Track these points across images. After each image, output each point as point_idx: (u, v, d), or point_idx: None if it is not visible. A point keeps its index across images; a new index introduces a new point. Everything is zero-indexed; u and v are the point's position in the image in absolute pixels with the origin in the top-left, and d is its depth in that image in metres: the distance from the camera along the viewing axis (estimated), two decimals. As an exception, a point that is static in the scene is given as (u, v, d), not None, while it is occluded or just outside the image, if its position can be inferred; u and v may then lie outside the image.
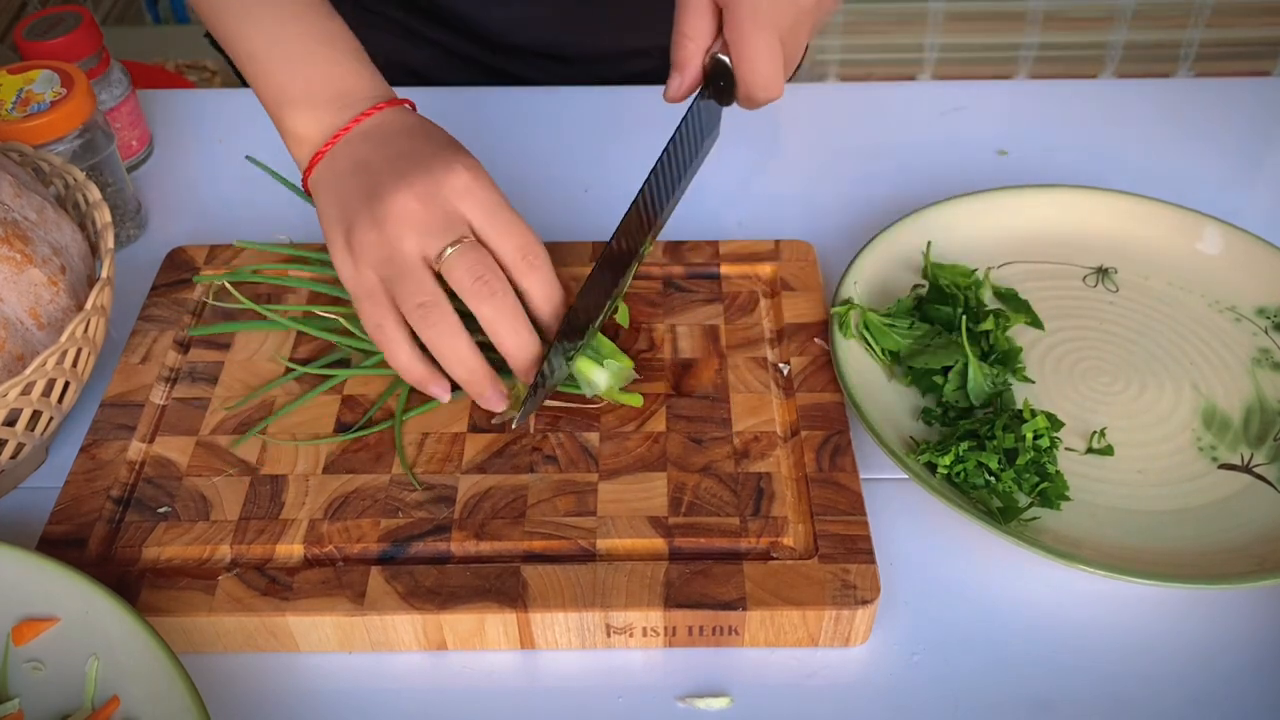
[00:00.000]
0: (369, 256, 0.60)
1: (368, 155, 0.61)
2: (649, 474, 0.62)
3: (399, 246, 0.59)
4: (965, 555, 0.62)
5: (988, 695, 0.56)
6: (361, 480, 0.62)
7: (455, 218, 0.59)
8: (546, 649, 0.58)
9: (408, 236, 0.59)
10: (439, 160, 0.60)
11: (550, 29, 0.95)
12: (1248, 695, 0.56)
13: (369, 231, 0.59)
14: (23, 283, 0.61)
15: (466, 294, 0.59)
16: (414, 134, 0.62)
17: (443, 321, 0.59)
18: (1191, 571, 0.58)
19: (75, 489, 0.62)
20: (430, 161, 0.60)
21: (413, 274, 0.59)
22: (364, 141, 0.62)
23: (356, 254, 0.60)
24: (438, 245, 0.59)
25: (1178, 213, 0.77)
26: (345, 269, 0.61)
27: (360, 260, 0.60)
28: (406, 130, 0.63)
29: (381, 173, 0.60)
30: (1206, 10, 2.24)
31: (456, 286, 0.59)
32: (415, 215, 0.59)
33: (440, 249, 0.59)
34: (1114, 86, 1.01)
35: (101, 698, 0.52)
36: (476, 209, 0.60)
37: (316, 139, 0.63)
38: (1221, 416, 0.67)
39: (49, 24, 0.83)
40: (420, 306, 0.59)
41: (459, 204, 0.59)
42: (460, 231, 0.59)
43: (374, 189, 0.59)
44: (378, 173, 0.60)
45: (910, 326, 0.69)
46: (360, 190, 0.60)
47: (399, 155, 0.61)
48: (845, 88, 1.00)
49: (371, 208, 0.59)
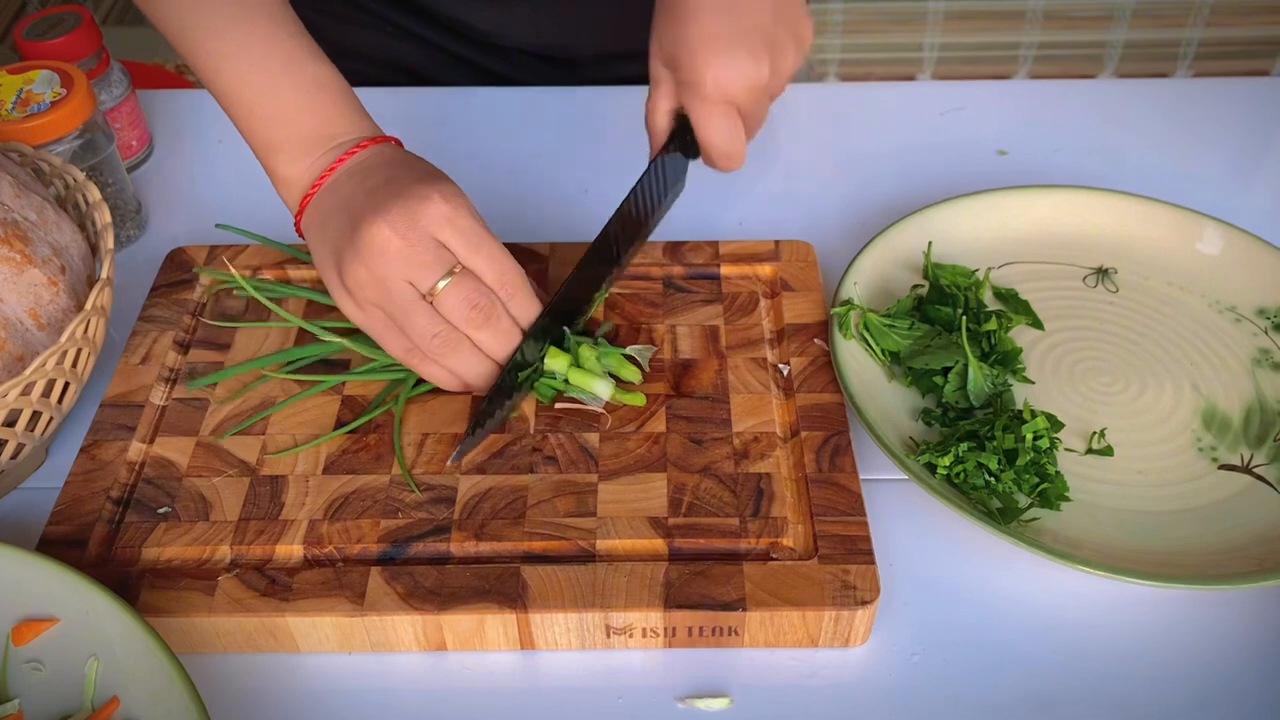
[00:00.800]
0: (366, 294, 0.60)
1: (350, 192, 0.62)
2: (649, 474, 0.62)
3: (391, 286, 0.59)
4: (965, 555, 0.62)
5: (988, 695, 0.56)
6: (361, 481, 0.62)
7: (438, 250, 0.60)
8: (546, 649, 0.58)
9: (396, 274, 0.59)
10: (416, 190, 0.60)
11: (539, 32, 0.95)
12: (1248, 695, 0.56)
13: (358, 269, 0.60)
14: (23, 283, 0.61)
15: (463, 324, 0.60)
16: (394, 166, 0.62)
17: (460, 347, 0.60)
18: (1191, 571, 0.58)
19: (75, 489, 0.62)
20: (407, 192, 0.60)
21: (415, 312, 0.60)
22: (348, 180, 0.63)
23: (354, 293, 0.61)
24: (429, 280, 0.59)
25: (1178, 213, 0.77)
26: (349, 309, 0.62)
27: (360, 300, 0.61)
28: (387, 163, 0.63)
29: (362, 207, 0.60)
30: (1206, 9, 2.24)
31: (452, 318, 0.60)
32: (398, 250, 0.59)
33: (432, 284, 0.59)
34: (1114, 86, 1.01)
35: (101, 698, 0.52)
36: (457, 238, 0.60)
37: (305, 183, 0.64)
38: (1221, 417, 0.67)
39: (49, 24, 0.83)
40: (435, 338, 0.60)
41: (439, 234, 0.60)
42: (448, 264, 0.60)
43: (355, 224, 0.60)
44: (359, 208, 0.60)
45: (910, 327, 0.69)
46: (344, 227, 0.61)
47: (377, 188, 0.61)
48: (845, 88, 1.00)
49: (355, 243, 0.59)
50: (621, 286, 0.73)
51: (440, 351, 0.60)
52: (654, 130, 0.66)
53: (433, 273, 0.59)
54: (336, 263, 0.61)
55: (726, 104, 0.62)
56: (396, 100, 0.94)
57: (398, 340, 0.61)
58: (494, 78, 0.99)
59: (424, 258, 0.59)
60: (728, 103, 0.62)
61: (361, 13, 0.95)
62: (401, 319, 0.60)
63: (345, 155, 0.63)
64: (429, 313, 0.60)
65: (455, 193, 0.61)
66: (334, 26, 0.96)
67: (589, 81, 0.96)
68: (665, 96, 0.65)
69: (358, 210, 0.60)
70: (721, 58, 0.61)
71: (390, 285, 0.59)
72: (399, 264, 0.59)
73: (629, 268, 0.72)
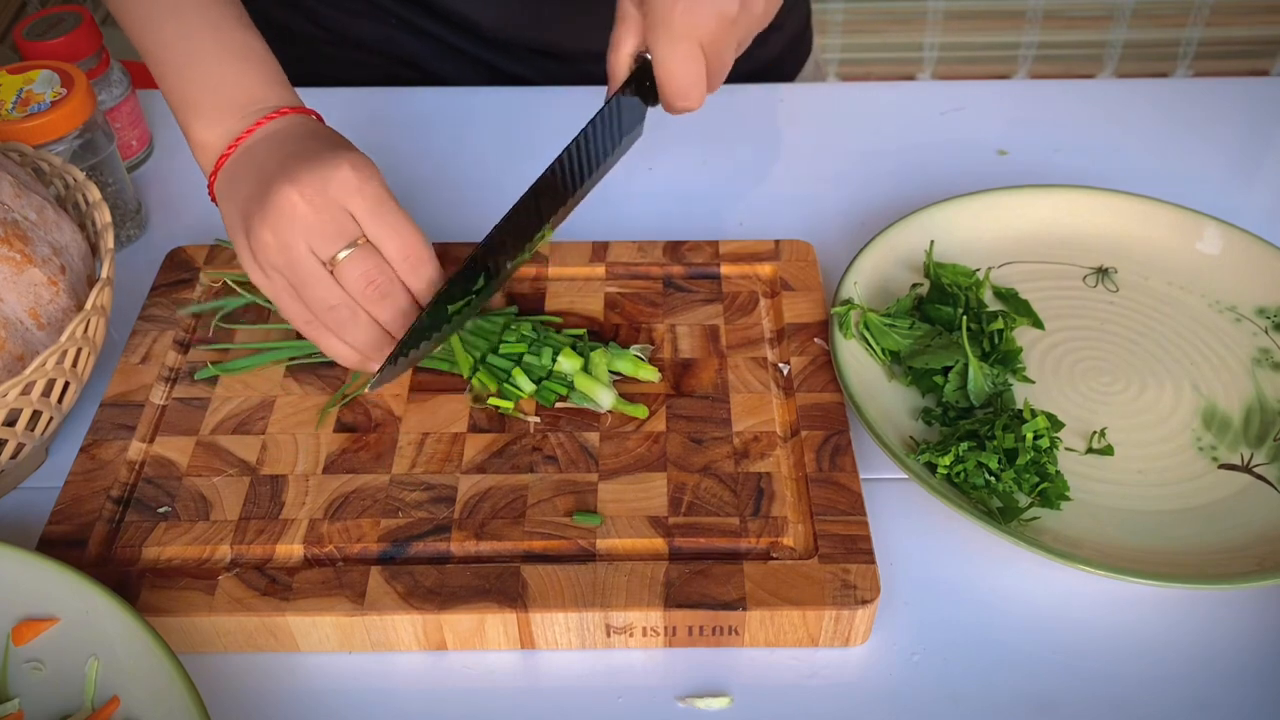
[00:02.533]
0: (270, 259, 0.60)
1: (263, 158, 0.62)
2: (649, 474, 0.62)
3: (294, 252, 0.59)
4: (965, 555, 0.62)
5: (988, 695, 0.56)
6: (361, 480, 0.62)
7: (344, 218, 0.60)
8: (546, 649, 0.58)
9: (299, 240, 0.59)
10: (327, 159, 0.60)
11: (539, 25, 0.95)
12: (1248, 695, 0.56)
13: (264, 232, 0.60)
14: (23, 283, 0.61)
15: (359, 298, 0.60)
16: (309, 137, 0.62)
17: (353, 319, 0.60)
18: (1191, 571, 0.58)
19: (75, 489, 0.62)
20: (317, 160, 0.60)
21: (314, 280, 0.60)
22: (262, 145, 0.63)
23: (258, 257, 0.61)
24: (330, 249, 0.59)
25: (1178, 213, 0.77)
26: (254, 273, 0.62)
27: (264, 264, 0.61)
28: (302, 133, 0.63)
29: (272, 173, 0.60)
30: (1205, 9, 2.24)
31: (349, 290, 0.60)
32: (304, 216, 0.59)
33: (333, 253, 0.59)
34: (1114, 86, 1.01)
35: (101, 698, 0.52)
36: (362, 208, 0.60)
37: (219, 146, 0.64)
38: (1221, 416, 0.67)
39: (49, 24, 0.83)
40: (331, 310, 0.60)
41: (346, 203, 0.59)
42: (351, 234, 0.60)
43: (264, 189, 0.60)
44: (269, 174, 0.60)
45: (910, 326, 0.69)
46: (253, 191, 0.61)
47: (289, 155, 0.61)
48: (845, 87, 1.00)
49: (263, 207, 0.60)
50: (622, 286, 0.73)
51: (337, 324, 0.60)
52: (613, 70, 0.65)
53: (334, 242, 0.59)
54: (245, 226, 0.61)
55: (692, 42, 0.61)
56: (399, 100, 0.94)
57: (298, 310, 0.61)
58: (495, 71, 0.99)
59: (327, 226, 0.59)
60: (693, 41, 0.61)
61: (365, 4, 0.95)
62: (300, 286, 0.60)
63: (262, 120, 0.63)
64: (328, 282, 0.60)
65: (366, 164, 0.61)
66: (338, 17, 0.96)
67: (591, 76, 0.96)
68: (630, 34, 0.64)
69: (268, 175, 0.60)
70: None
71: (293, 252, 0.59)
72: (302, 230, 0.59)
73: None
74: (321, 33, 0.97)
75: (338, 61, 0.98)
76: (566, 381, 0.65)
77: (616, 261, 0.74)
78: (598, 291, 0.73)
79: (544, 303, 0.72)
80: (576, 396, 0.65)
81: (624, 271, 0.74)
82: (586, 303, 0.72)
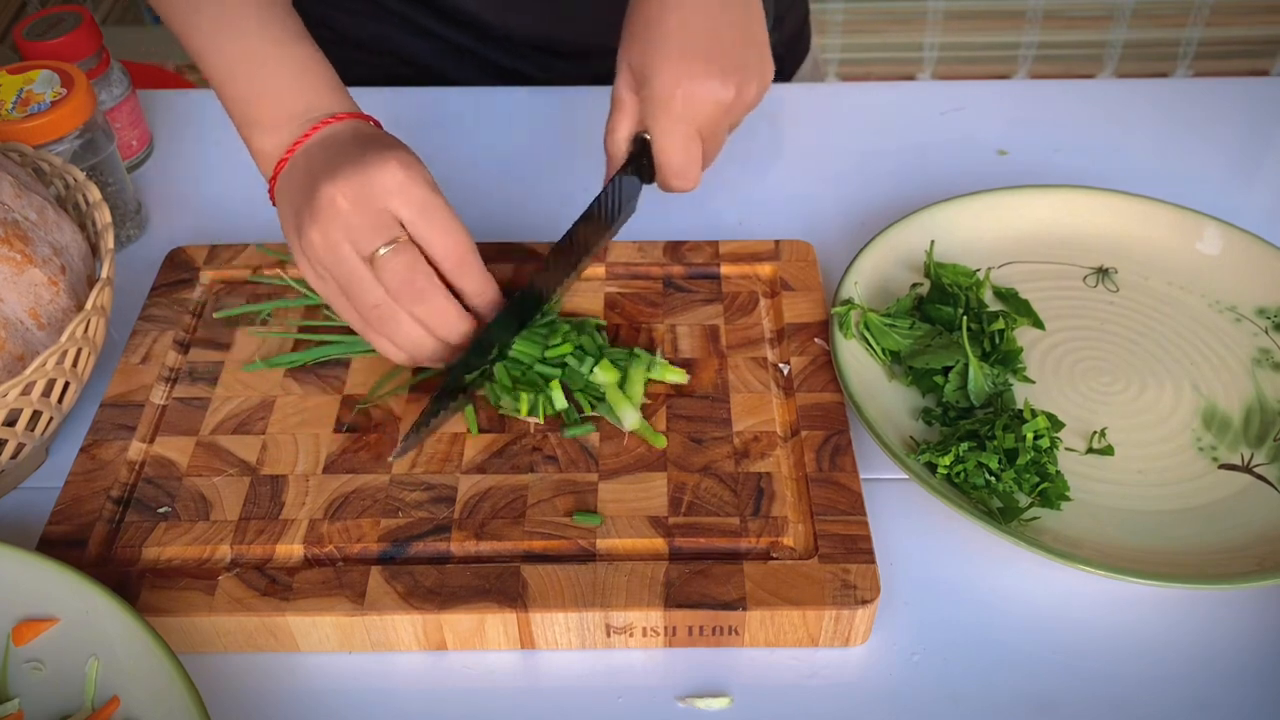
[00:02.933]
0: (319, 258, 0.61)
1: (315, 161, 0.62)
2: (649, 474, 0.62)
3: (338, 251, 0.60)
4: (965, 555, 0.62)
5: (988, 695, 0.56)
6: (361, 480, 0.62)
7: (385, 217, 0.60)
8: (546, 649, 0.58)
9: (342, 239, 0.59)
10: (372, 159, 0.60)
11: (544, 21, 0.96)
12: (1248, 695, 0.56)
13: (312, 231, 0.60)
14: (23, 283, 0.61)
15: (396, 297, 0.60)
16: (362, 140, 0.63)
17: (394, 319, 0.60)
18: (1191, 571, 0.58)
19: (75, 489, 0.62)
20: (362, 160, 0.60)
21: (358, 279, 0.60)
22: (317, 149, 0.63)
23: (309, 257, 0.61)
24: (369, 246, 0.59)
25: (1178, 213, 0.77)
26: (309, 275, 0.63)
27: (314, 264, 0.61)
28: (356, 137, 0.63)
29: (320, 173, 0.61)
30: (1205, 9, 2.24)
31: (387, 289, 0.60)
32: (345, 214, 0.59)
33: (373, 250, 0.59)
34: (1114, 86, 1.01)
35: (101, 698, 0.52)
36: (408, 207, 0.60)
37: (277, 153, 0.65)
38: (1221, 416, 0.67)
39: (49, 24, 0.83)
40: (375, 309, 0.60)
41: (389, 202, 0.60)
42: (392, 232, 0.60)
43: (311, 190, 0.60)
44: (318, 173, 0.61)
45: (910, 326, 0.69)
46: (303, 194, 0.61)
47: (338, 155, 0.61)
48: (845, 87, 1.00)
49: (310, 206, 0.60)
50: (622, 286, 0.73)
51: (380, 322, 0.61)
52: (612, 153, 0.67)
53: (373, 238, 0.59)
54: (296, 226, 0.61)
55: (690, 126, 0.63)
56: (399, 100, 0.94)
57: (350, 310, 0.62)
58: (501, 71, 0.99)
59: (367, 224, 0.59)
60: (691, 125, 0.63)
61: (370, 5, 0.95)
62: (345, 285, 0.60)
63: (318, 125, 0.64)
64: (370, 281, 0.60)
65: (414, 164, 0.61)
66: (343, 19, 0.96)
67: (597, 75, 0.96)
68: (626, 119, 0.66)
69: (316, 175, 0.61)
70: (694, 77, 0.62)
71: (337, 250, 0.60)
72: (344, 228, 0.59)
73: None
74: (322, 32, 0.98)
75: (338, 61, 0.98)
76: (599, 394, 0.65)
77: (616, 262, 0.74)
78: (598, 292, 0.73)
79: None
80: (603, 408, 0.65)
81: (624, 272, 0.74)
82: (587, 303, 0.72)
